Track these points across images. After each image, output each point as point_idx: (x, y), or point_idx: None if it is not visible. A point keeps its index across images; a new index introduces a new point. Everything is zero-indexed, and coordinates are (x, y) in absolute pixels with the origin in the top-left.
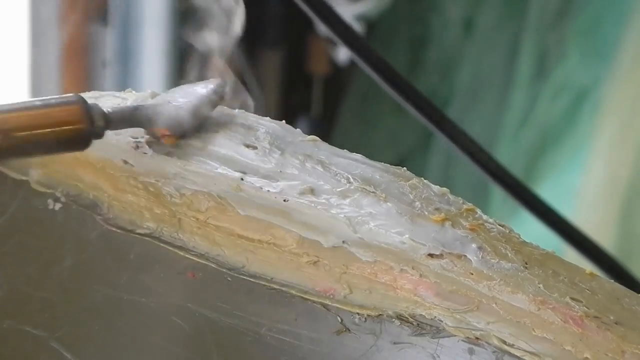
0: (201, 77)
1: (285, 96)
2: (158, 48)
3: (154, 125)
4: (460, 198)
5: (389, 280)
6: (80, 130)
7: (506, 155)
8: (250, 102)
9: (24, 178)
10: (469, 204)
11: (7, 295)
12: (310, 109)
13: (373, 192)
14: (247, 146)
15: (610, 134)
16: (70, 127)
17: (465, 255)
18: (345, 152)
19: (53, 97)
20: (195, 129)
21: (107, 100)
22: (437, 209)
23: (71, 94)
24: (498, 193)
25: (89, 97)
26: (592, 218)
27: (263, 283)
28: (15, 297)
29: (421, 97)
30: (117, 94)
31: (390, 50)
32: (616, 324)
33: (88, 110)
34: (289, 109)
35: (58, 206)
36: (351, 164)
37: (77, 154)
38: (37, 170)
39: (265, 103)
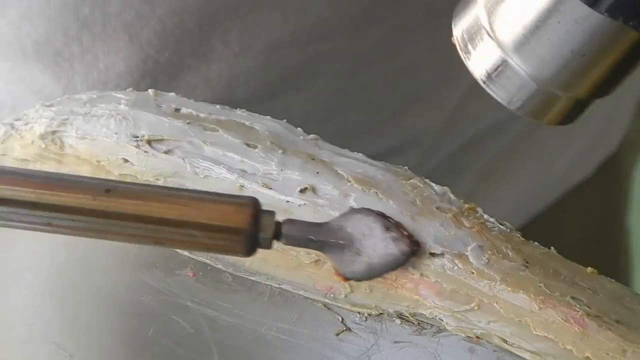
0: None
1: None
2: None
3: (327, 254)
4: (461, 197)
5: (390, 279)
6: (243, 237)
7: None
8: None
9: None
10: (470, 202)
11: None
12: None
13: (374, 191)
14: (248, 145)
15: None
16: (233, 232)
17: (466, 255)
18: (346, 151)
19: (225, 194)
20: (370, 276)
21: (108, 99)
22: (438, 207)
23: (246, 196)
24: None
25: (87, 96)
26: None
27: (263, 282)
28: None
29: None
30: (118, 93)
31: None
32: (617, 323)
33: (257, 216)
34: None
35: None
36: (352, 163)
37: (78, 152)
38: (36, 169)
39: None
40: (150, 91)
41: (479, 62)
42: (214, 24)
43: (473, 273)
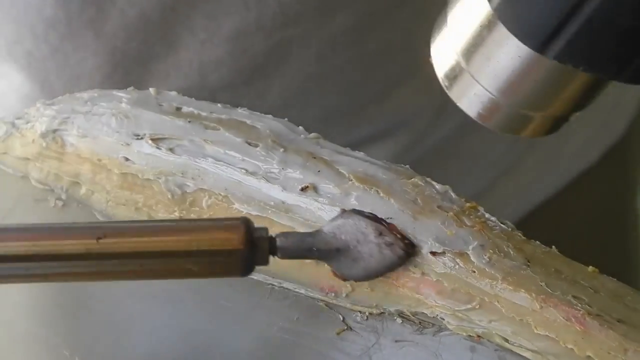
0: None
1: None
2: None
3: (323, 261)
4: (462, 196)
5: (391, 278)
6: (239, 258)
7: None
8: None
9: (23, 175)
10: (472, 201)
11: None
12: None
13: (375, 189)
14: (249, 144)
15: None
16: (229, 255)
17: (467, 253)
18: (347, 149)
19: (215, 218)
20: (368, 278)
21: (109, 98)
22: (439, 206)
23: (238, 217)
24: None
25: (88, 95)
26: None
27: (265, 281)
28: None
29: None
30: (119, 91)
31: None
32: (619, 322)
33: (250, 235)
34: None
35: (59, 204)
36: (353, 161)
37: (79, 151)
38: (37, 167)
39: None
40: (152, 90)
41: (462, 96)
42: (176, 12)
43: (474, 272)
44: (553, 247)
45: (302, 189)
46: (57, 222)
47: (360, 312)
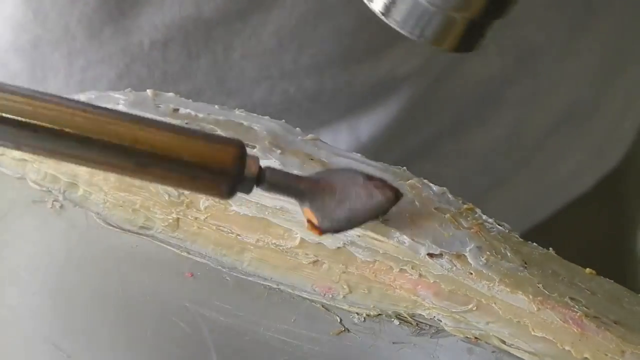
0: None
1: None
2: None
3: (306, 206)
4: (459, 197)
5: (388, 280)
6: (226, 176)
7: None
8: None
9: (21, 176)
10: (469, 203)
11: None
12: None
13: None
14: (247, 145)
15: None
16: (216, 168)
17: (464, 255)
18: (344, 151)
19: (214, 134)
20: (350, 223)
21: (106, 100)
22: (436, 208)
23: (234, 138)
24: None
25: (86, 97)
26: None
27: (262, 282)
28: None
29: None
30: (116, 93)
31: None
32: (616, 323)
33: (242, 158)
34: None
35: (56, 205)
36: (351, 163)
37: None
38: (34, 169)
39: None
40: (149, 91)
41: None
42: None
43: (471, 274)
44: (550, 249)
45: None
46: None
47: (357, 313)
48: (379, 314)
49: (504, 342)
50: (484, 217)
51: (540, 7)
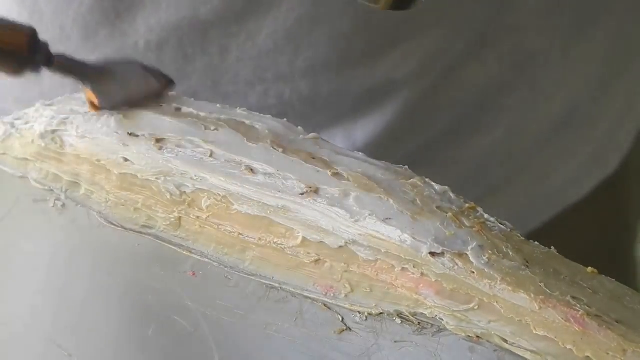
0: None
1: None
2: None
3: (88, 87)
4: (461, 196)
5: (390, 279)
6: (16, 56)
7: None
8: None
9: (23, 175)
10: (470, 202)
11: None
12: None
13: (375, 190)
14: (249, 144)
15: None
16: (9, 48)
17: (466, 254)
18: (346, 150)
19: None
20: (127, 104)
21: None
22: (438, 207)
23: (28, 25)
24: None
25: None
26: None
27: (264, 281)
28: None
29: None
30: None
31: None
32: (617, 322)
33: (33, 39)
34: None
35: (58, 204)
36: (353, 162)
37: (78, 151)
38: (36, 168)
39: None
40: None
41: None
42: None
43: (473, 273)
44: (552, 247)
45: (302, 190)
46: None
47: (359, 312)
48: (381, 313)
49: (505, 341)
50: (486, 216)
51: (538, 13)
